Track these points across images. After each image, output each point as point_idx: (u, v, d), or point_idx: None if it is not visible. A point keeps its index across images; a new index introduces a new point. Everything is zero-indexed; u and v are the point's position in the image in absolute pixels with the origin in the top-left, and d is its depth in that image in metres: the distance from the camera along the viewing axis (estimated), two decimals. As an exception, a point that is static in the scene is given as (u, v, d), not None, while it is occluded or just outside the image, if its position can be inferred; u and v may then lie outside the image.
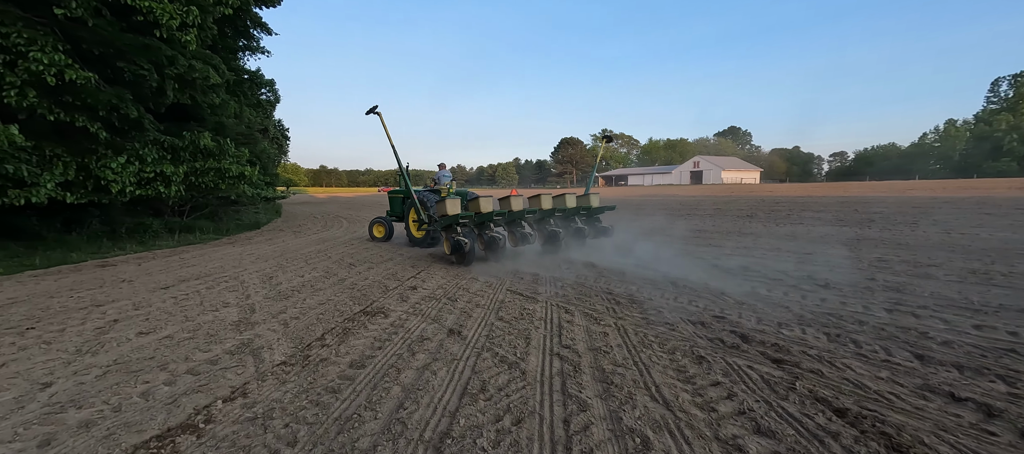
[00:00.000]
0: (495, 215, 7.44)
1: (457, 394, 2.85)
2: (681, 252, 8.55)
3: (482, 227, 7.59)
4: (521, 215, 7.85)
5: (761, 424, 2.37)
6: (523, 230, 7.81)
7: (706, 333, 3.89)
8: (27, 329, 4.30)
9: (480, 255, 7.80)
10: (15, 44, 6.71)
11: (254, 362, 3.46)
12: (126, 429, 2.46)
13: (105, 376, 3.20)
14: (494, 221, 7.56)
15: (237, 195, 14.07)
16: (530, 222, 8.12)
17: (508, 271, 6.91)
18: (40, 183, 7.32)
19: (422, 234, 9.54)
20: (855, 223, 12.21)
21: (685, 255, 8.19)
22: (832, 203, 19.67)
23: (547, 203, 8.40)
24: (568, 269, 6.98)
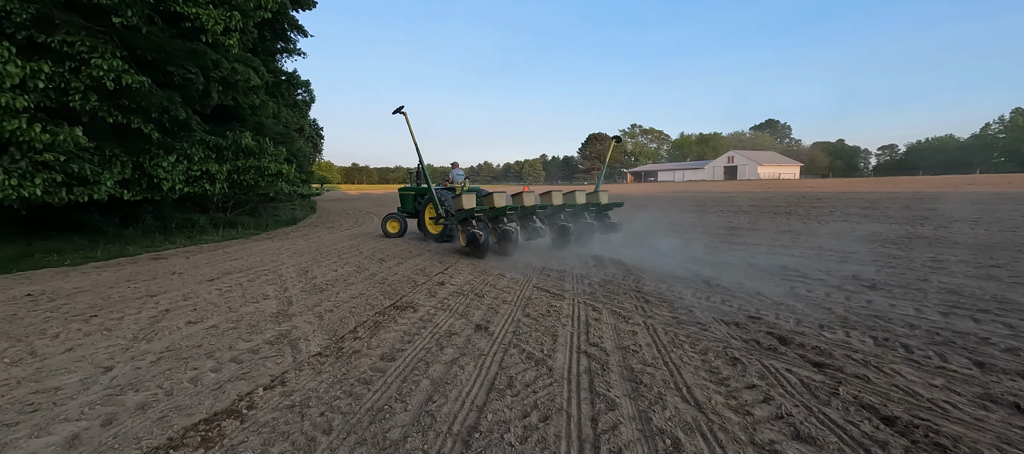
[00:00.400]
0: (508, 210, 7.83)
1: (484, 389, 2.88)
2: (713, 250, 8.28)
3: (495, 221, 7.94)
4: (532, 210, 8.18)
5: (800, 430, 2.27)
6: (534, 225, 8.06)
7: (741, 334, 3.76)
8: (91, 316, 4.66)
9: (493, 248, 8.06)
10: (79, 52, 7.26)
11: (292, 353, 3.62)
12: (177, 412, 2.64)
13: (158, 362, 3.43)
14: (507, 215, 7.93)
15: (275, 192, 14.70)
16: (541, 217, 8.40)
17: (535, 268, 6.91)
18: (101, 181, 7.90)
19: (439, 229, 9.88)
20: (906, 221, 11.44)
21: (717, 253, 7.92)
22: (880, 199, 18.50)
23: (557, 199, 8.70)
24: (596, 267, 6.90)
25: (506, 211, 7.83)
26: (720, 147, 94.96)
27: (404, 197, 11.86)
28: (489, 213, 7.90)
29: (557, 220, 8.54)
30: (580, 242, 8.59)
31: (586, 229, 8.63)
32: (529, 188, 9.23)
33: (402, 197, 11.94)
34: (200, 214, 14.48)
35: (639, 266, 6.80)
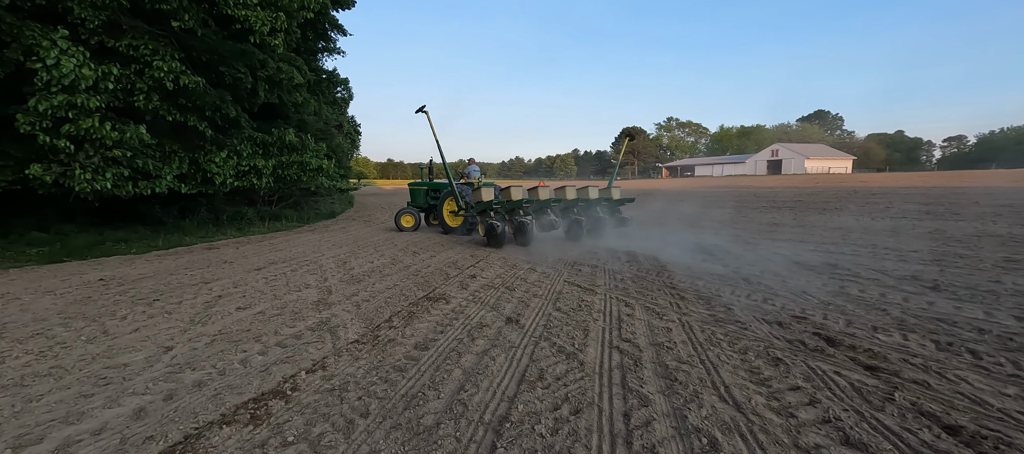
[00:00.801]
0: (524, 203, 8.38)
1: (515, 380, 2.89)
2: (753, 247, 7.92)
3: (512, 213, 8.53)
4: (547, 204, 8.71)
5: (850, 435, 2.14)
6: (549, 217, 8.57)
7: (784, 334, 3.58)
8: (154, 300, 5.06)
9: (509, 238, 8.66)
10: (143, 55, 7.85)
11: (331, 339, 3.78)
12: (229, 391, 2.82)
13: (212, 344, 3.68)
14: (523, 208, 8.48)
15: (316, 186, 15.34)
16: (555, 210, 8.86)
17: (566, 263, 6.87)
18: (162, 175, 8.53)
19: (459, 221, 10.42)
20: (974, 217, 10.46)
21: (758, 250, 7.57)
22: (944, 194, 17.01)
23: (571, 194, 9.19)
24: (629, 263, 6.77)
25: (522, 204, 8.37)
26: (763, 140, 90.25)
27: (415, 192, 12.12)
28: (506, 206, 8.44)
29: (570, 214, 9.00)
30: (593, 235, 8.98)
31: (598, 223, 9.00)
32: (544, 183, 9.56)
33: (413, 192, 12.17)
34: (248, 207, 15.35)
35: (674, 262, 6.61)
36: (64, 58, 6.29)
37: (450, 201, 10.72)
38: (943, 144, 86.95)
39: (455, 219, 10.60)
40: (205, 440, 2.28)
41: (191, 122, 8.99)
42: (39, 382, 2.92)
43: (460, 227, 10.53)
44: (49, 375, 3.03)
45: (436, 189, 11.78)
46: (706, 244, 8.33)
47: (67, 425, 2.38)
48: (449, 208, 10.82)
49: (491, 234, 8.27)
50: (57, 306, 4.83)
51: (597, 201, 9.35)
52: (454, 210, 10.58)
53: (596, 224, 8.97)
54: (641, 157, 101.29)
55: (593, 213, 9.15)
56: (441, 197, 11.04)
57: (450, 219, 10.75)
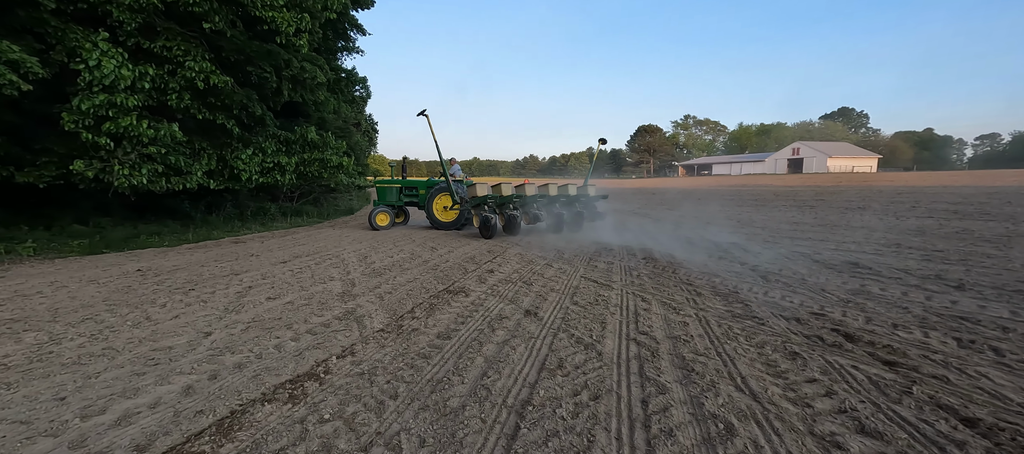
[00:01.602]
0: (513, 198, 9.45)
1: (535, 368, 3.01)
2: (773, 245, 7.86)
3: (502, 208, 9.48)
4: (533, 200, 9.77)
5: (866, 424, 2.19)
6: (534, 211, 9.78)
7: (802, 330, 3.60)
8: (189, 290, 5.33)
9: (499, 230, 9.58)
10: (176, 55, 8.19)
11: (358, 328, 3.95)
12: (267, 372, 3.00)
13: (247, 330, 3.89)
14: (512, 203, 9.44)
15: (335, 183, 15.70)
16: (540, 205, 9.89)
17: (583, 259, 6.94)
18: (192, 172, 8.90)
19: (454, 216, 10.87)
20: (1006, 218, 10.13)
21: (778, 248, 7.51)
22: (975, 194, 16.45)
23: (553, 191, 10.14)
24: (645, 261, 6.81)
25: (512, 199, 9.42)
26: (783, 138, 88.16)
27: (385, 190, 11.91)
28: (497, 201, 9.47)
29: (553, 208, 9.95)
30: (572, 228, 9.94)
31: (576, 217, 10.00)
32: (529, 180, 10.42)
33: (382, 191, 11.91)
34: (271, 203, 15.81)
35: (690, 261, 6.62)
36: (105, 59, 6.64)
37: (442, 197, 11.07)
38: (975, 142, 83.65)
39: (447, 214, 11.00)
40: (250, 415, 2.45)
41: (219, 120, 9.34)
42: (94, 361, 3.16)
43: (453, 222, 10.93)
44: (103, 355, 3.26)
45: (411, 187, 11.97)
46: (723, 242, 8.30)
47: (125, 399, 2.59)
48: (441, 204, 11.12)
49: (485, 226, 9.26)
50: (101, 294, 5.13)
51: (576, 197, 10.28)
52: (448, 206, 10.99)
53: (576, 218, 9.96)
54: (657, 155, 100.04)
55: (573, 208, 10.11)
56: (430, 194, 11.21)
57: (442, 214, 11.08)
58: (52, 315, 4.26)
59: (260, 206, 14.87)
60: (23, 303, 4.67)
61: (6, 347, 3.41)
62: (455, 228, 11.01)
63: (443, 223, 11.07)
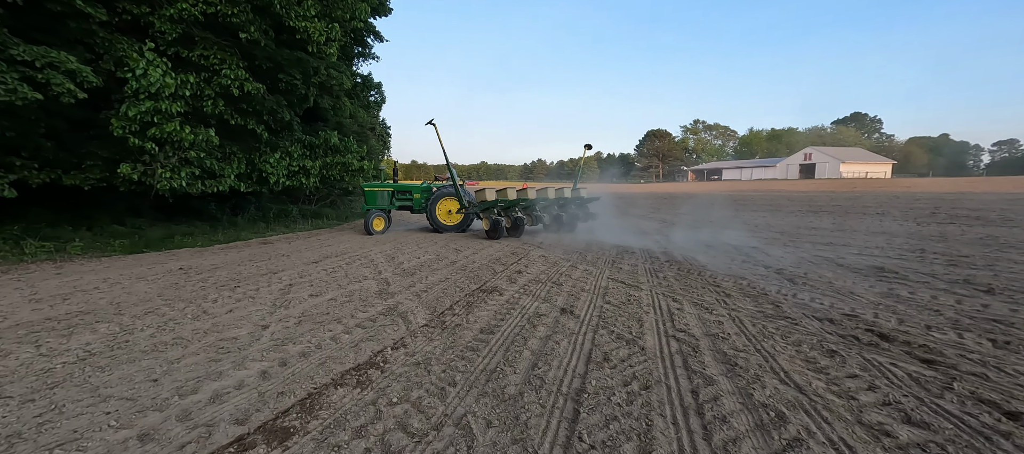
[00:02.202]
0: (520, 202, 10.18)
1: (582, 361, 3.16)
2: (793, 249, 7.92)
3: (508, 211, 10.08)
4: (535, 203, 10.47)
5: (912, 416, 2.31)
6: (536, 213, 10.51)
7: (836, 330, 3.71)
8: (235, 287, 5.57)
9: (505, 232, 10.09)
10: (212, 64, 8.53)
11: (404, 323, 4.14)
12: (331, 361, 3.20)
13: (300, 324, 4.10)
14: (518, 206, 10.13)
15: (354, 186, 16.03)
16: (541, 207, 10.61)
17: (605, 261, 7.08)
18: (225, 175, 9.21)
19: (458, 219, 11.23)
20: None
21: (799, 252, 7.58)
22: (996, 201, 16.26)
23: (552, 194, 10.91)
24: (668, 264, 6.93)
25: (518, 203, 10.11)
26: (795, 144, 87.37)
27: (376, 194, 11.48)
28: (503, 205, 10.03)
29: (552, 210, 10.75)
30: (567, 228, 10.76)
31: (573, 218, 10.87)
32: (527, 185, 11.05)
33: (372, 195, 11.44)
34: (292, 205, 16.17)
35: (713, 264, 6.73)
36: (151, 69, 6.98)
37: (446, 200, 11.36)
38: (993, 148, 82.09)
39: (451, 218, 11.34)
40: (326, 397, 2.64)
41: (250, 125, 9.68)
42: (170, 349, 3.38)
43: (457, 225, 11.29)
44: (175, 344, 3.49)
45: (405, 191, 11.89)
46: (742, 246, 8.38)
47: (211, 381, 2.79)
48: (446, 207, 11.38)
49: (495, 228, 9.73)
50: (153, 290, 5.39)
51: (571, 200, 11.07)
52: (453, 210, 11.36)
53: (572, 219, 10.84)
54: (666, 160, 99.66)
55: (570, 210, 10.92)
56: (434, 198, 11.33)
57: (446, 218, 11.37)
58: (116, 309, 4.51)
59: (282, 208, 15.22)
60: (85, 297, 4.94)
61: (85, 336, 3.65)
62: (459, 230, 11.30)
63: (446, 226, 11.34)
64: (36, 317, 4.20)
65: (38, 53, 5.89)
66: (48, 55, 5.98)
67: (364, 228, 11.05)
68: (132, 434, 2.21)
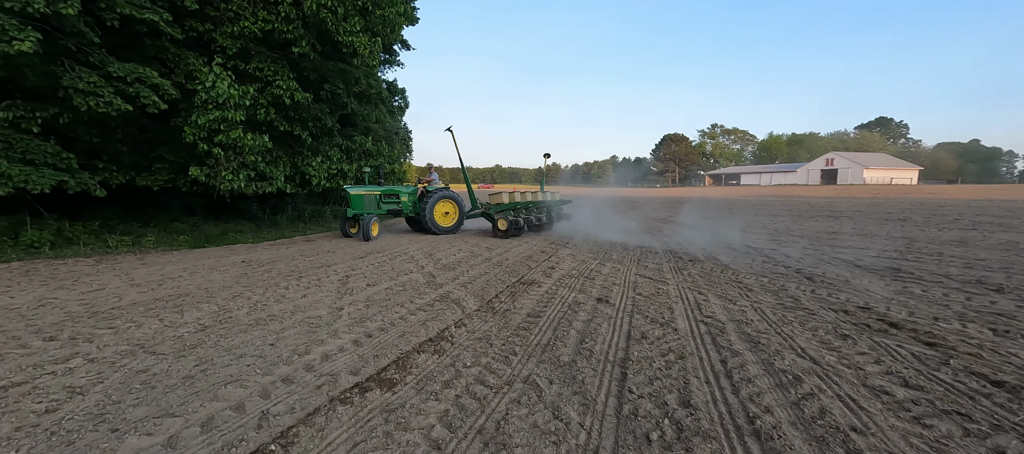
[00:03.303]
0: (528, 204, 11.65)
1: (623, 338, 3.66)
2: (813, 252, 8.24)
3: (516, 212, 11.22)
4: (536, 205, 12.05)
5: (909, 381, 2.75)
6: (537, 214, 11.87)
7: (849, 319, 4.12)
8: (299, 277, 6.23)
9: None
10: (265, 75, 9.32)
11: (459, 308, 4.69)
12: (408, 335, 3.77)
13: (369, 307, 4.69)
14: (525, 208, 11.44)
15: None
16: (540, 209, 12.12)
17: (630, 259, 7.54)
18: (274, 177, 9.98)
19: (451, 221, 11.87)
20: (1055, 230, 10.11)
21: (818, 255, 7.90)
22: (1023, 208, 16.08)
23: (541, 197, 12.59)
24: (690, 262, 7.35)
25: (526, 205, 11.63)
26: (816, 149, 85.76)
27: (363, 198, 10.81)
28: (513, 207, 11.29)
29: (542, 210, 12.32)
30: (546, 226, 12.19)
31: (555, 217, 12.66)
32: (516, 188, 12.41)
33: (359, 198, 10.73)
34: (324, 206, 17.03)
35: (734, 263, 7.12)
36: (218, 81, 7.75)
37: (443, 203, 11.77)
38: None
39: (446, 219, 11.87)
40: (412, 360, 3.21)
41: (296, 131, 10.45)
42: (270, 323, 4.01)
43: (451, 227, 11.81)
44: (272, 319, 4.12)
45: (392, 195, 11.62)
46: (762, 248, 8.72)
47: (317, 346, 3.39)
48: (442, 209, 11.80)
49: (514, 227, 10.72)
50: (226, 279, 6.08)
51: (557, 202, 13.19)
52: (448, 212, 11.92)
53: (554, 218, 12.68)
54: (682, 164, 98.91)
55: (557, 211, 12.94)
56: (432, 201, 11.39)
57: (442, 219, 11.84)
58: (206, 293, 5.19)
59: (316, 209, 16.07)
60: (175, 283, 5.65)
61: (194, 313, 4.32)
62: (450, 232, 11.80)
63: (443, 227, 11.78)
64: (144, 298, 4.90)
65: (129, 69, 6.70)
66: (136, 71, 6.78)
67: (362, 234, 10.04)
68: (275, 378, 2.81)
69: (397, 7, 10.27)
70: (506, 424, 2.40)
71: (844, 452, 2.06)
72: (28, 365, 2.96)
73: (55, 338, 3.49)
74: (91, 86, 6.17)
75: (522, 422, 2.42)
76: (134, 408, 2.41)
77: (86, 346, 3.35)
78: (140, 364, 3.03)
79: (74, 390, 2.61)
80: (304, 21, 8.81)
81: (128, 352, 3.25)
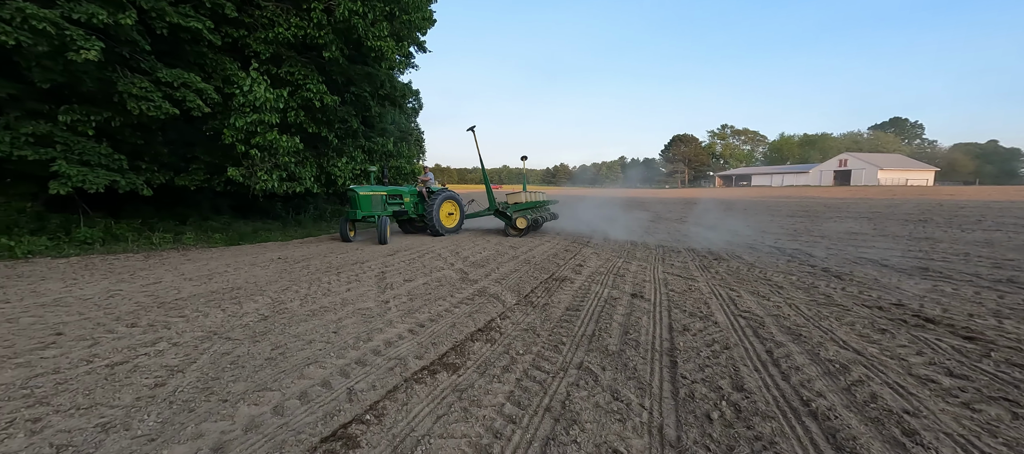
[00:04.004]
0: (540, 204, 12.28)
1: (665, 330, 3.81)
2: (836, 252, 8.28)
3: (529, 211, 11.65)
4: (545, 204, 12.76)
5: (954, 371, 2.87)
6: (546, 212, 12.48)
7: (884, 315, 4.22)
8: (337, 273, 6.46)
9: None
10: (296, 79, 9.62)
11: (499, 301, 4.88)
12: (458, 325, 3.96)
13: (412, 301, 4.89)
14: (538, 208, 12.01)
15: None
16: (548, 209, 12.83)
17: (655, 258, 7.67)
18: (303, 178, 10.28)
19: (454, 222, 12.09)
20: (1083, 231, 10.00)
21: (842, 255, 7.95)
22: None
23: (541, 197, 13.16)
24: (715, 261, 7.45)
25: (541, 204, 12.37)
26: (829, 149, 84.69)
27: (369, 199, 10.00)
28: (528, 206, 11.95)
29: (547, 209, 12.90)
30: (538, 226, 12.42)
31: (548, 216, 12.85)
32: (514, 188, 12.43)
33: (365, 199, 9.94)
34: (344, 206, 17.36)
35: (759, 262, 7.21)
36: (255, 86, 8.05)
37: (447, 203, 11.78)
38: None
39: (450, 220, 11.99)
40: (468, 347, 3.39)
41: (323, 133, 10.74)
42: (325, 314, 4.22)
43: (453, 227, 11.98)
44: (325, 311, 4.34)
45: (396, 195, 11.22)
46: (785, 247, 8.77)
47: (377, 334, 3.60)
48: (446, 210, 11.77)
49: (534, 225, 11.33)
50: (269, 275, 6.33)
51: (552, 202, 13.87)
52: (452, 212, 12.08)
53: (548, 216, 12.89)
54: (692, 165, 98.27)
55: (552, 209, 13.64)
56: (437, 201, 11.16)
57: (446, 220, 11.89)
58: (255, 286, 5.44)
59: (335, 209, 16.40)
60: (223, 278, 5.92)
61: (251, 305, 4.56)
62: (453, 232, 11.92)
63: (447, 229, 11.86)
64: (201, 291, 5.16)
65: (175, 75, 7.01)
66: (182, 76, 7.10)
67: (379, 237, 9.39)
68: (349, 361, 3.02)
69: (422, 12, 10.54)
70: (570, 403, 2.57)
71: (900, 431, 2.20)
72: (122, 347, 3.20)
73: (136, 325, 3.75)
74: (143, 91, 6.50)
75: (585, 402, 2.59)
76: (233, 383, 2.63)
77: (166, 332, 3.60)
78: (221, 348, 3.26)
79: (172, 369, 2.85)
80: (334, 27, 9.09)
81: (205, 337, 3.49)
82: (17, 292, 4.84)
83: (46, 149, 6.25)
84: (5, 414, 2.25)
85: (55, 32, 5.45)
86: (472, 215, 12.90)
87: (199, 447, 1.99)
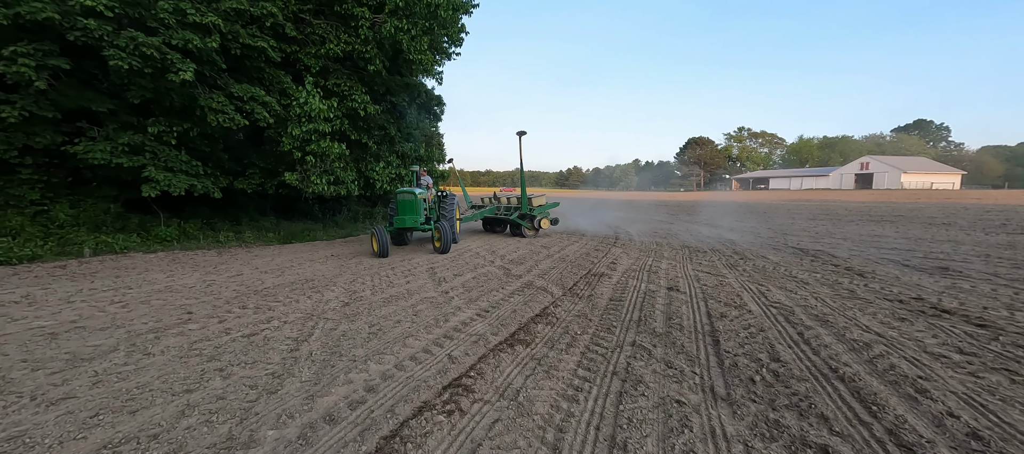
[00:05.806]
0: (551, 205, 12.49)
1: (704, 316, 4.30)
2: (858, 253, 8.60)
3: None
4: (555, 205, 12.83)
5: (964, 349, 3.30)
6: None
7: (904, 307, 4.63)
8: (391, 269, 7.08)
9: None
10: (342, 90, 10.36)
11: (547, 293, 5.41)
12: (518, 311, 4.51)
13: (468, 292, 5.46)
14: None
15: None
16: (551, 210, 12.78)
17: (683, 257, 8.11)
18: (346, 181, 11.00)
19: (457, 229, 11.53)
20: (1110, 234, 10.07)
21: (865, 255, 8.26)
22: (1078, 212, 15.68)
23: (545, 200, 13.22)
24: (741, 260, 7.86)
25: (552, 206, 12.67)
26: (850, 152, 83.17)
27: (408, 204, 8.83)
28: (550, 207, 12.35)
29: None
30: None
31: None
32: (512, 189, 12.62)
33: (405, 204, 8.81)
34: (373, 208, 18.15)
35: (784, 262, 7.59)
36: (310, 97, 8.79)
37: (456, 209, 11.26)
38: (1084, 158, 74.32)
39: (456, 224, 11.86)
40: (532, 328, 3.94)
41: (363, 140, 11.47)
42: (397, 301, 4.82)
43: None
44: (395, 300, 4.94)
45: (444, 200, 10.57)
46: (808, 248, 9.11)
47: (451, 316, 4.17)
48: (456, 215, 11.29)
49: (553, 223, 11.96)
50: (330, 270, 6.98)
51: None
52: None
53: None
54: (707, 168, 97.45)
55: None
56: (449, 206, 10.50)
57: None
58: (324, 279, 6.09)
59: (367, 210, 17.19)
60: (293, 271, 6.59)
61: (329, 293, 5.19)
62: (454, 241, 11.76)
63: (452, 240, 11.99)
64: (280, 282, 5.83)
65: (244, 90, 7.77)
66: (250, 91, 7.86)
67: (443, 246, 8.40)
68: (438, 336, 3.60)
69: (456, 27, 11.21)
70: (632, 370, 3.09)
71: (913, 391, 2.67)
72: (246, 323, 3.85)
73: (246, 307, 4.40)
74: (220, 104, 7.26)
75: (644, 369, 3.11)
76: (354, 349, 3.23)
77: (271, 313, 4.24)
78: (325, 326, 3.88)
79: (296, 340, 3.47)
80: (379, 42, 9.80)
81: (307, 317, 4.12)
82: (133, 281, 5.58)
83: (138, 157, 7.06)
84: (195, 367, 2.88)
85: (159, 56, 6.24)
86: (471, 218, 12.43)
87: (356, 388, 2.58)
